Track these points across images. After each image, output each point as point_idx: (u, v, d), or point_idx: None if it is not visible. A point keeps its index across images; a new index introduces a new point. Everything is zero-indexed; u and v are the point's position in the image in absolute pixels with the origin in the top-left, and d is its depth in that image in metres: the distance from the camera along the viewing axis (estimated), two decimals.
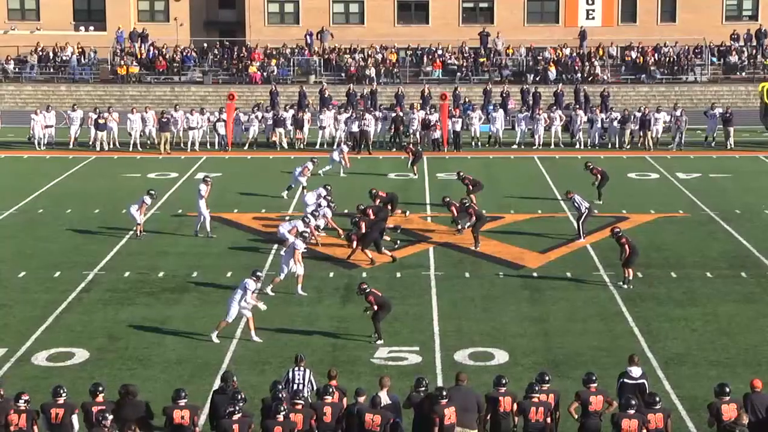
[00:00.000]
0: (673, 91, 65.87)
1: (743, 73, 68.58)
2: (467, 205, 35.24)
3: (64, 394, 19.28)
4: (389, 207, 36.78)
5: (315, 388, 20.43)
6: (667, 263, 32.83)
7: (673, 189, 42.92)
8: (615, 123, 52.72)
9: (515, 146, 51.82)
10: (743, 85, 66.08)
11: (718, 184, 43.84)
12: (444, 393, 19.28)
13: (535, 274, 31.78)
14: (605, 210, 38.74)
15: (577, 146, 52.59)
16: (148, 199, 35.68)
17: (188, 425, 19.14)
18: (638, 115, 52.77)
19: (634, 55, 68.90)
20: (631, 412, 18.80)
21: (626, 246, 30.37)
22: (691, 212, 39.30)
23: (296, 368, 20.86)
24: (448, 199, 36.15)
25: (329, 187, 37.23)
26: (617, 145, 52.39)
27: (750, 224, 37.34)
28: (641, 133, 52.37)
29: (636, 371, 20.67)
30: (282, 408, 18.64)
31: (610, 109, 55.85)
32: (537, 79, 66.47)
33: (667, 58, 68.70)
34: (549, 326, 27.27)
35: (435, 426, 19.00)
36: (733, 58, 68.91)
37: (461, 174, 40.00)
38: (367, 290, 26.40)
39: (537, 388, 19.69)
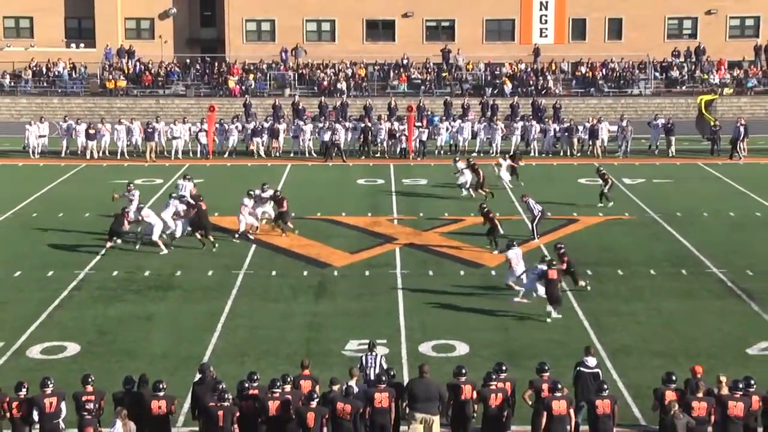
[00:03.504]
0: (619, 103, 66.08)
1: (683, 87, 68.85)
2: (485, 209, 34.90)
3: (51, 385, 19.22)
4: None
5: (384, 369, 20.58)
6: (614, 262, 32.93)
7: (619, 193, 43.03)
8: (566, 133, 52.94)
9: (475, 154, 51.83)
10: (683, 98, 66.34)
11: (661, 189, 43.99)
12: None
13: (493, 273, 31.80)
14: (557, 213, 38.83)
15: (532, 154, 52.72)
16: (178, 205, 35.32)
17: (165, 414, 19.07)
18: (588, 125, 52.96)
19: (583, 70, 69.11)
20: (558, 394, 19.13)
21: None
22: (637, 215, 39.43)
23: (368, 354, 21.07)
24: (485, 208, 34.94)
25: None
26: (568, 153, 52.57)
27: (690, 226, 37.50)
28: (590, 142, 52.59)
29: (591, 361, 20.76)
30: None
31: (561, 120, 56.03)
32: (495, 92, 66.54)
33: (614, 73, 68.95)
34: (506, 321, 27.29)
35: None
36: (675, 73, 69.23)
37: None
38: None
39: (494, 377, 19.76)
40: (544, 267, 27.70)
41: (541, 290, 27.82)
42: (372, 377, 20.21)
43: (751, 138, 52.86)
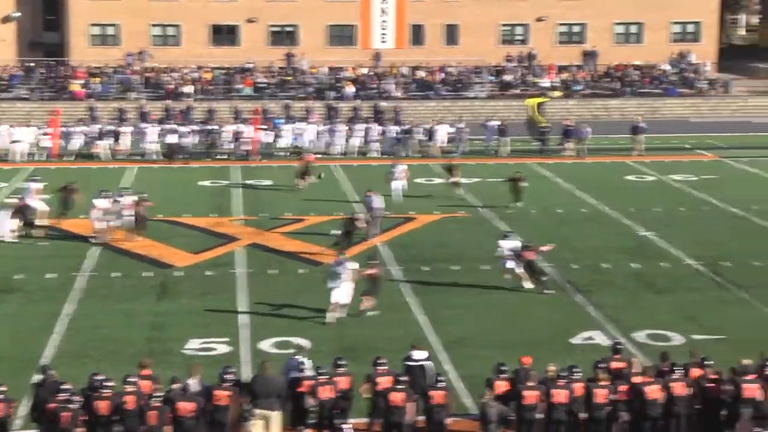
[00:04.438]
0: (456, 105, 66.79)
1: (516, 90, 70.07)
2: None
3: None
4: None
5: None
6: (450, 258, 33.31)
7: (454, 192, 43.53)
8: (405, 134, 53.35)
9: (318, 155, 51.65)
10: (516, 101, 67.43)
11: (495, 188, 44.61)
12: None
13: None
14: (397, 212, 39.08)
15: (372, 155, 52.92)
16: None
17: (2, 416, 18.54)
18: (426, 127, 53.47)
19: (422, 74, 69.74)
20: (400, 387, 19.26)
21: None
22: (472, 213, 39.96)
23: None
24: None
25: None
26: (408, 154, 52.92)
27: (520, 222, 38.09)
28: (429, 143, 53.07)
29: (417, 354, 20.93)
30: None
31: (401, 122, 56.42)
32: (337, 95, 66.64)
33: (451, 77, 69.77)
34: (346, 317, 27.32)
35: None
36: (508, 77, 70.40)
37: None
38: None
39: (333, 372, 19.80)
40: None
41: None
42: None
43: (577, 139, 53.99)
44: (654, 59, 72.70)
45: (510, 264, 30.06)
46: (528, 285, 29.99)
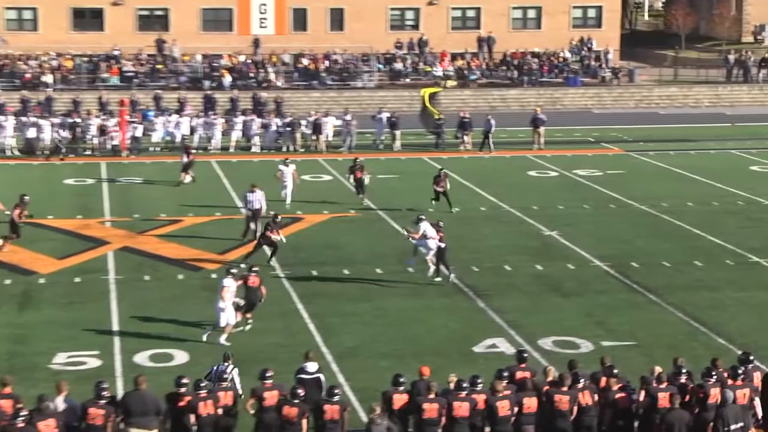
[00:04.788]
0: (343, 96, 66.95)
1: (407, 79, 70.52)
2: None
3: None
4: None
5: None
6: (340, 261, 33.34)
7: (344, 189, 43.62)
8: (288, 128, 53.27)
9: (194, 150, 51.26)
10: (407, 91, 67.85)
11: (387, 185, 44.83)
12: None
13: (214, 275, 31.62)
14: (282, 211, 38.96)
15: (253, 150, 52.78)
16: None
17: None
18: (311, 119, 53.43)
19: (306, 62, 69.72)
20: (296, 401, 19.22)
21: None
22: (362, 212, 40.06)
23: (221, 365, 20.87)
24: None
25: None
26: (291, 149, 52.88)
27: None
28: (314, 137, 53.08)
29: (311, 366, 20.87)
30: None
31: (283, 115, 56.32)
32: (213, 85, 66.23)
33: (337, 65, 69.88)
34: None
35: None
36: (398, 65, 70.81)
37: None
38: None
39: (215, 386, 19.66)
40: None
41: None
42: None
43: (474, 132, 54.53)
44: (554, 46, 73.80)
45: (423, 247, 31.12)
46: (430, 273, 30.81)
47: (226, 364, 20.97)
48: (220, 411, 19.47)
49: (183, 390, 19.56)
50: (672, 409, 19.33)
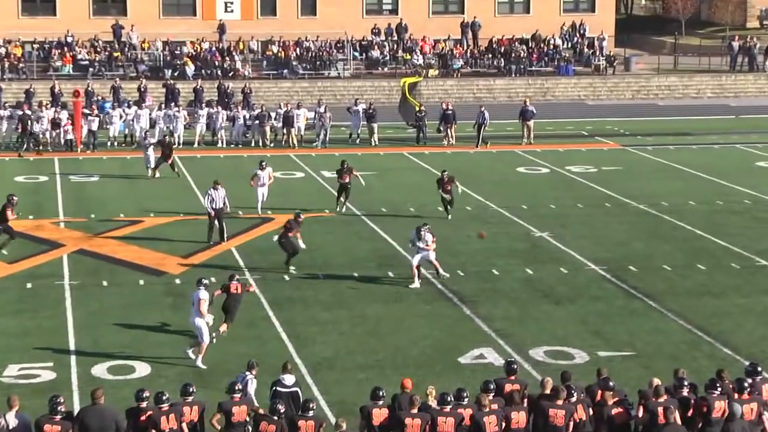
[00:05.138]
0: (316, 86, 67.06)
1: (385, 68, 70.61)
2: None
3: None
4: None
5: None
6: (314, 264, 33.36)
7: (318, 188, 43.67)
8: (257, 120, 53.26)
9: (175, 146, 51.16)
10: (386, 80, 68.01)
11: (365, 182, 44.81)
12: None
13: (178, 281, 31.63)
14: (251, 211, 39.03)
15: (219, 144, 52.78)
16: None
17: None
18: (281, 111, 53.44)
19: (275, 49, 69.75)
20: (275, 417, 19.17)
21: None
22: (338, 211, 40.10)
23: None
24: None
25: None
26: (261, 144, 52.88)
27: (395, 222, 38.42)
28: (284, 131, 53.10)
29: (289, 379, 20.88)
30: None
31: (252, 106, 56.35)
32: (175, 74, 66.19)
33: (310, 53, 69.92)
34: (194, 334, 27.08)
35: None
36: (375, 53, 70.90)
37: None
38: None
39: (182, 400, 19.66)
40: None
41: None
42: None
43: (459, 125, 54.65)
44: (544, 32, 73.94)
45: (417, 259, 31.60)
46: (415, 284, 31.27)
47: (246, 373, 21.09)
48: (184, 426, 19.48)
49: (144, 404, 19.56)
50: (667, 424, 19.35)
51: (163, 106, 55.27)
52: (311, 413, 19.45)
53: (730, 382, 20.45)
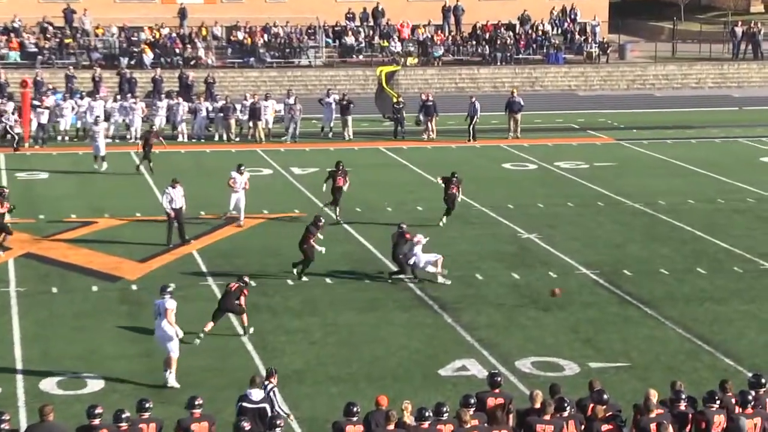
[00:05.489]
0: (285, 76, 67.07)
1: (361, 56, 70.64)
2: None
3: None
4: None
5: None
6: (283, 269, 33.32)
7: (288, 186, 43.65)
8: (221, 113, 53.22)
9: (109, 140, 51.13)
10: (361, 69, 68.07)
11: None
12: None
13: (134, 287, 31.57)
14: (213, 212, 38.99)
15: (180, 139, 52.70)
16: None
17: None
18: (247, 103, 53.39)
19: (241, 36, 69.71)
20: None
21: None
22: (309, 211, 40.01)
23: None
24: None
25: None
26: (225, 138, 52.82)
27: (371, 223, 38.43)
28: (251, 124, 53.05)
29: (257, 394, 20.83)
30: None
31: (215, 98, 56.29)
32: (132, 62, 66.10)
33: (278, 40, 69.87)
34: (149, 346, 27.01)
35: None
36: (350, 40, 70.88)
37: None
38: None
39: (138, 417, 19.62)
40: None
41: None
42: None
43: (440, 117, 54.71)
44: (532, 17, 74.14)
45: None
46: (441, 280, 32.35)
47: (267, 382, 21.11)
48: None
49: (96, 422, 19.49)
50: None
51: (118, 97, 55.21)
52: (278, 430, 19.42)
53: (733, 394, 20.46)
